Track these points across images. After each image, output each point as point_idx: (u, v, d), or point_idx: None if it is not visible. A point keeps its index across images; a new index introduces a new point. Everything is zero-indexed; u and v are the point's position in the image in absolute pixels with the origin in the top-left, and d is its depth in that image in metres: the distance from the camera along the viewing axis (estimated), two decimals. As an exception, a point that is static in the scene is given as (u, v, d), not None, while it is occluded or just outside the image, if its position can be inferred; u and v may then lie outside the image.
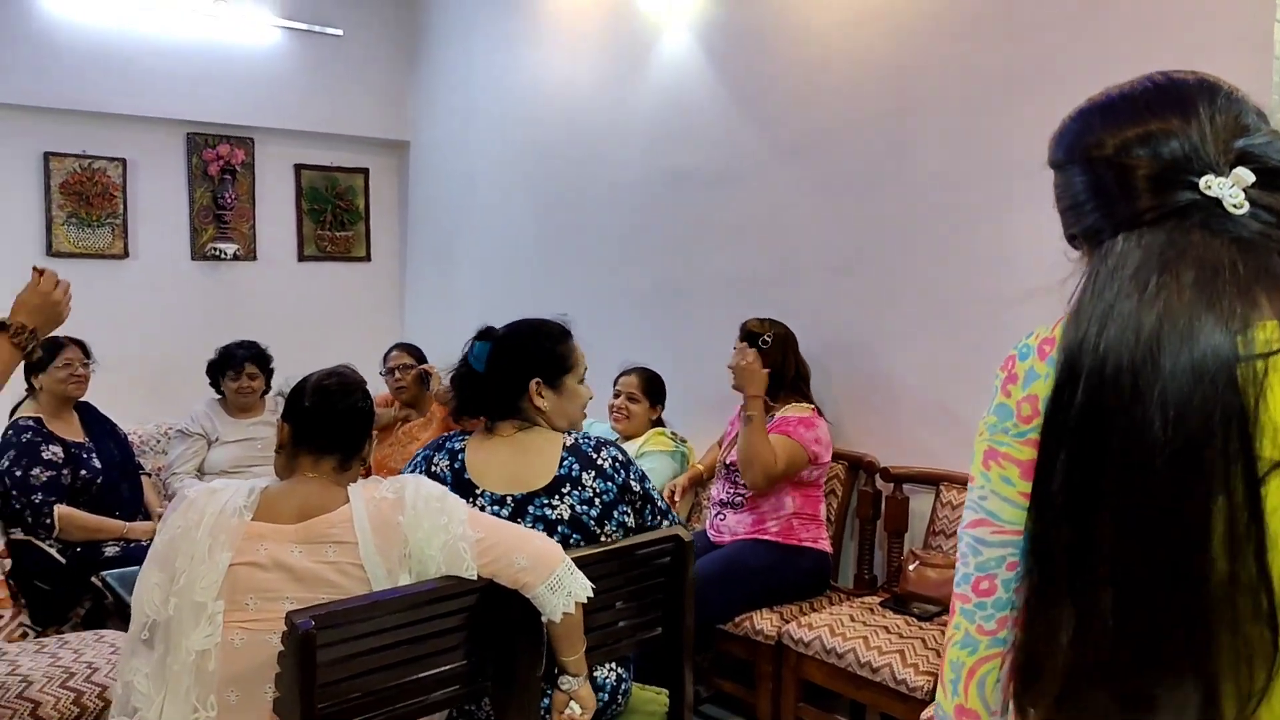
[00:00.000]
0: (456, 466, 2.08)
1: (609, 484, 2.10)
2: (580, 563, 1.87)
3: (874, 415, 3.27)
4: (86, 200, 4.47)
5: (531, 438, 2.12)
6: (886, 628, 2.74)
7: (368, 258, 5.38)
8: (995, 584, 0.90)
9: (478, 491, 2.04)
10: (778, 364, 3.07)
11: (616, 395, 3.55)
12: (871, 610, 2.89)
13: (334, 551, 1.70)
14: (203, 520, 1.69)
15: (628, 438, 3.47)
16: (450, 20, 5.01)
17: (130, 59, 4.47)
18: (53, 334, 1.95)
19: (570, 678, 1.87)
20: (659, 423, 3.57)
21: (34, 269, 1.88)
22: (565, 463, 2.08)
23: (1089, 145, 0.90)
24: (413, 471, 2.12)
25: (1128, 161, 0.86)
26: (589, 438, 2.16)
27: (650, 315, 4.01)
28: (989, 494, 0.91)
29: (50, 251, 4.38)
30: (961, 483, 2.99)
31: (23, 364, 1.91)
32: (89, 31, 4.37)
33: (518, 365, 2.14)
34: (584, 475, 2.07)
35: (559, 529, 2.03)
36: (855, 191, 3.28)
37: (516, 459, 2.09)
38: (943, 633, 2.68)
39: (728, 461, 3.13)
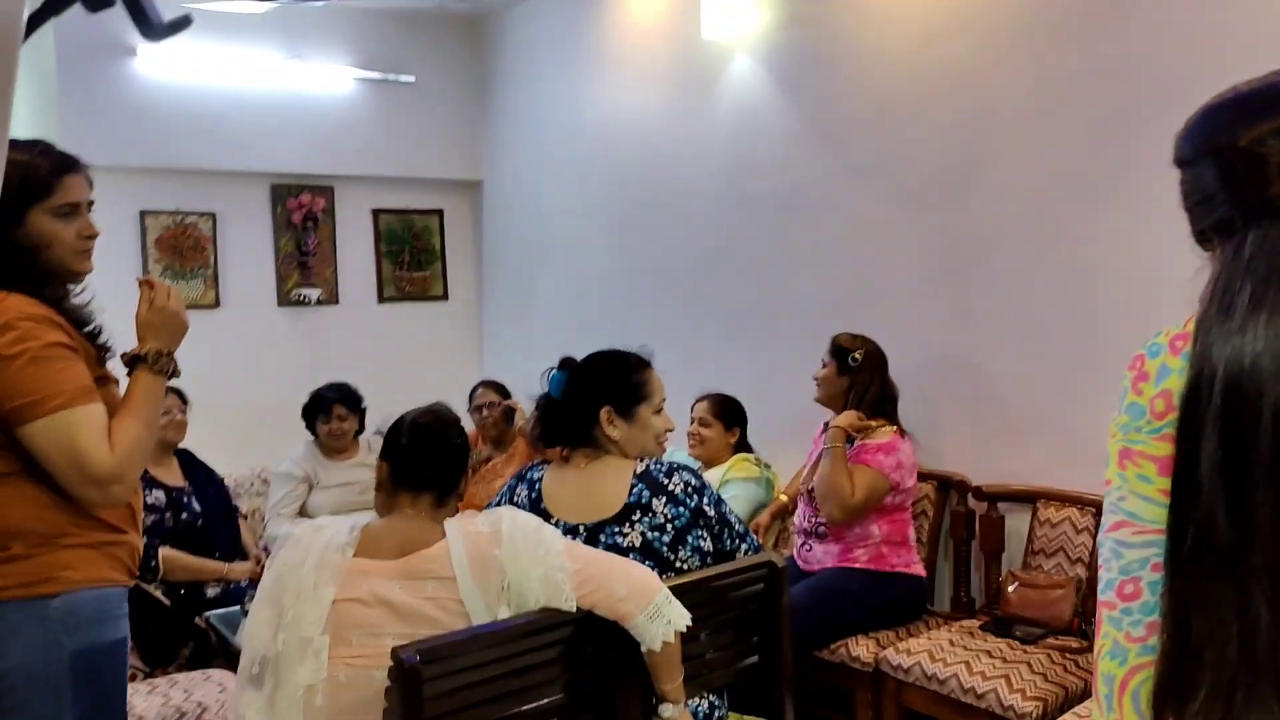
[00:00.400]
0: (534, 496, 2.12)
1: (681, 509, 2.08)
2: (672, 592, 1.87)
3: (963, 432, 3.21)
4: (180, 254, 4.64)
5: (602, 466, 2.14)
6: (989, 652, 2.67)
7: (445, 296, 5.48)
8: (1140, 587, 0.88)
9: (553, 521, 2.05)
10: (865, 383, 3.03)
11: (692, 423, 3.55)
12: (971, 634, 2.82)
13: (434, 587, 1.72)
14: (308, 557, 1.73)
15: (708, 464, 3.45)
16: (518, 60, 5.10)
17: (217, 117, 4.64)
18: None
19: (670, 705, 1.86)
20: (743, 447, 3.54)
21: (139, 281, 1.84)
22: (635, 490, 2.08)
23: (1221, 138, 0.90)
24: (499, 503, 2.15)
25: (1261, 151, 0.87)
26: (661, 463, 2.15)
27: (730, 341, 4.00)
28: (1127, 494, 0.90)
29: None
30: (1059, 499, 2.91)
31: None
32: (180, 93, 4.55)
33: (590, 393, 2.16)
34: (654, 501, 2.07)
35: (631, 556, 2.01)
36: (933, 206, 3.24)
37: (588, 488, 2.10)
38: (1049, 657, 2.61)
39: (810, 489, 3.07)
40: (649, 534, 2.04)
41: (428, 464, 1.84)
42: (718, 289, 4.06)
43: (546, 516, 2.06)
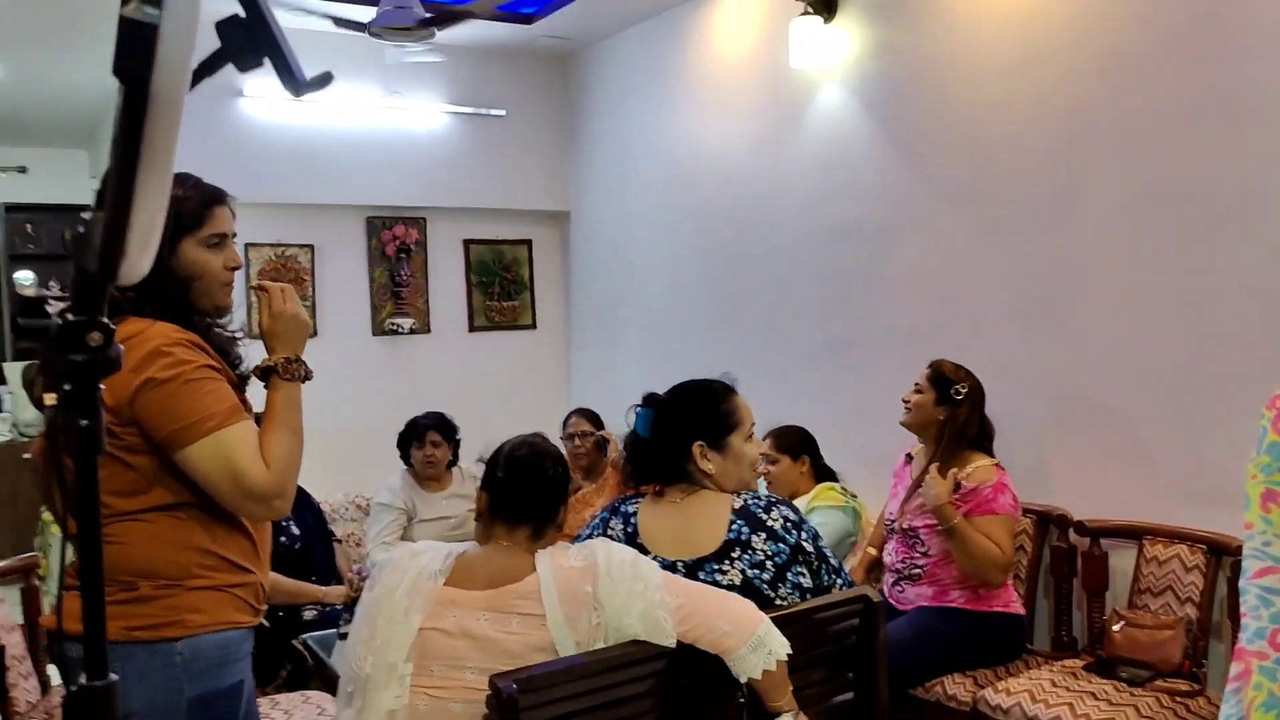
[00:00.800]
0: (629, 530, 2.08)
1: (781, 545, 2.02)
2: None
3: (1063, 465, 3.12)
4: (280, 284, 4.80)
5: (699, 502, 2.09)
6: (1093, 693, 2.57)
7: (534, 325, 5.56)
8: None
9: (650, 556, 1.99)
10: (963, 418, 2.93)
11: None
12: (1074, 674, 2.72)
13: (519, 623, 1.71)
14: (403, 582, 1.75)
15: (791, 497, 3.40)
16: (606, 92, 5.18)
17: (317, 153, 4.81)
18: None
19: (788, 715, 1.83)
20: (825, 475, 3.49)
21: (253, 288, 1.85)
22: (734, 526, 2.02)
23: None
24: (590, 535, 2.11)
25: None
26: (759, 498, 2.10)
27: (818, 372, 3.96)
28: (1272, 539, 0.86)
29: (250, 334, 4.70)
30: (1167, 536, 2.80)
31: None
32: (282, 131, 4.73)
33: (679, 429, 2.11)
34: (754, 538, 2.01)
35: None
36: (1028, 235, 3.18)
37: (685, 524, 2.06)
38: (1158, 700, 2.51)
39: (904, 526, 2.96)
40: (749, 571, 1.99)
41: (523, 496, 1.84)
42: (805, 319, 4.03)
43: (643, 552, 2.01)
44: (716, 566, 2.00)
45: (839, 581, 2.14)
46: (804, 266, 4.03)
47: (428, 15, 3.68)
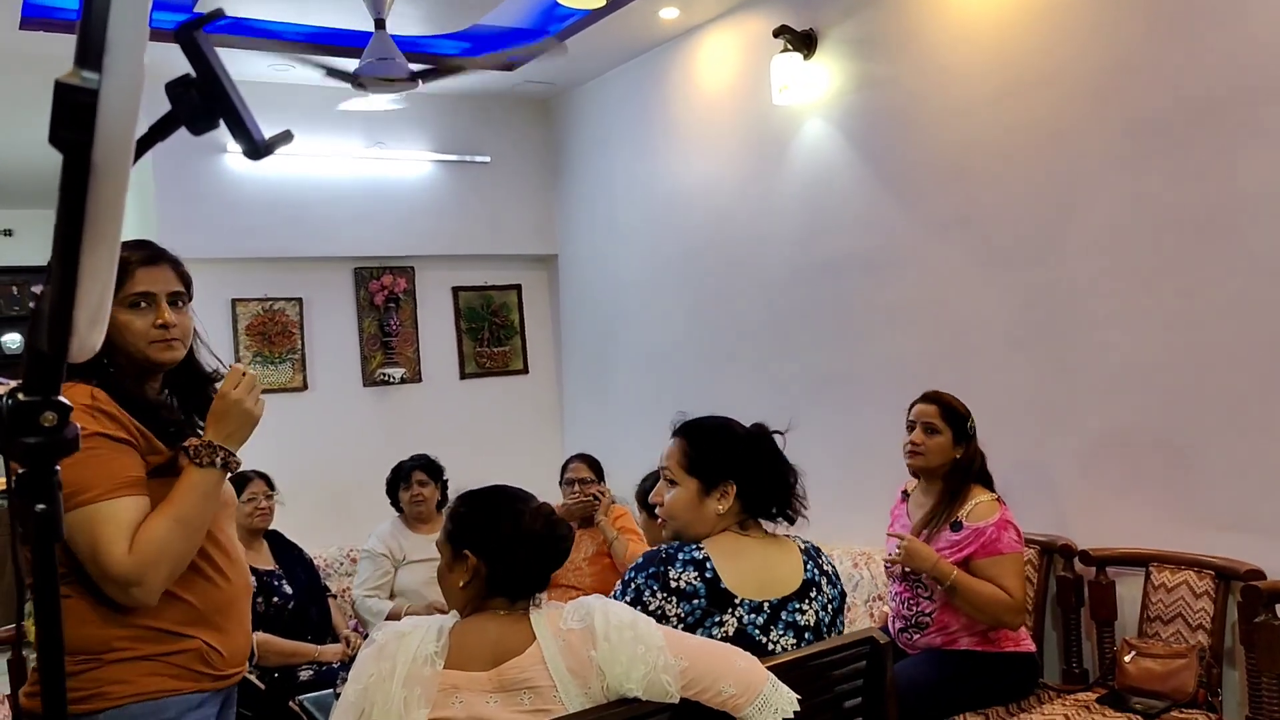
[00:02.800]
0: (709, 577, 1.92)
1: (836, 590, 2.04)
2: (774, 670, 1.80)
3: (1064, 494, 3.08)
4: (269, 339, 4.77)
5: (776, 541, 2.04)
6: (1108, 727, 2.51)
7: (525, 370, 5.52)
8: None
9: (736, 601, 1.91)
10: (974, 452, 2.84)
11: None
12: (1088, 708, 2.66)
13: (529, 699, 1.62)
14: (395, 670, 1.60)
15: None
16: (590, 135, 5.19)
17: (302, 206, 4.79)
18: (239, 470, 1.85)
19: None
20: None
21: (230, 368, 1.82)
22: (808, 566, 2.00)
23: None
24: (624, 596, 1.93)
25: None
26: (808, 542, 2.09)
27: (812, 407, 3.93)
28: None
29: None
30: (1175, 562, 2.76)
31: None
32: (267, 185, 4.72)
33: (781, 459, 2.06)
34: (822, 580, 2.01)
35: (806, 635, 1.95)
36: (1020, 262, 3.16)
37: (768, 563, 1.99)
38: (1175, 731, 2.45)
39: (907, 570, 2.83)
40: (820, 614, 1.98)
41: (541, 575, 1.73)
42: (797, 354, 4.01)
43: (730, 598, 1.91)
44: (798, 605, 1.96)
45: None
46: (794, 302, 4.01)
47: (415, 69, 3.68)
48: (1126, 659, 2.70)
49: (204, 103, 0.76)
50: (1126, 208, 2.88)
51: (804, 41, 3.81)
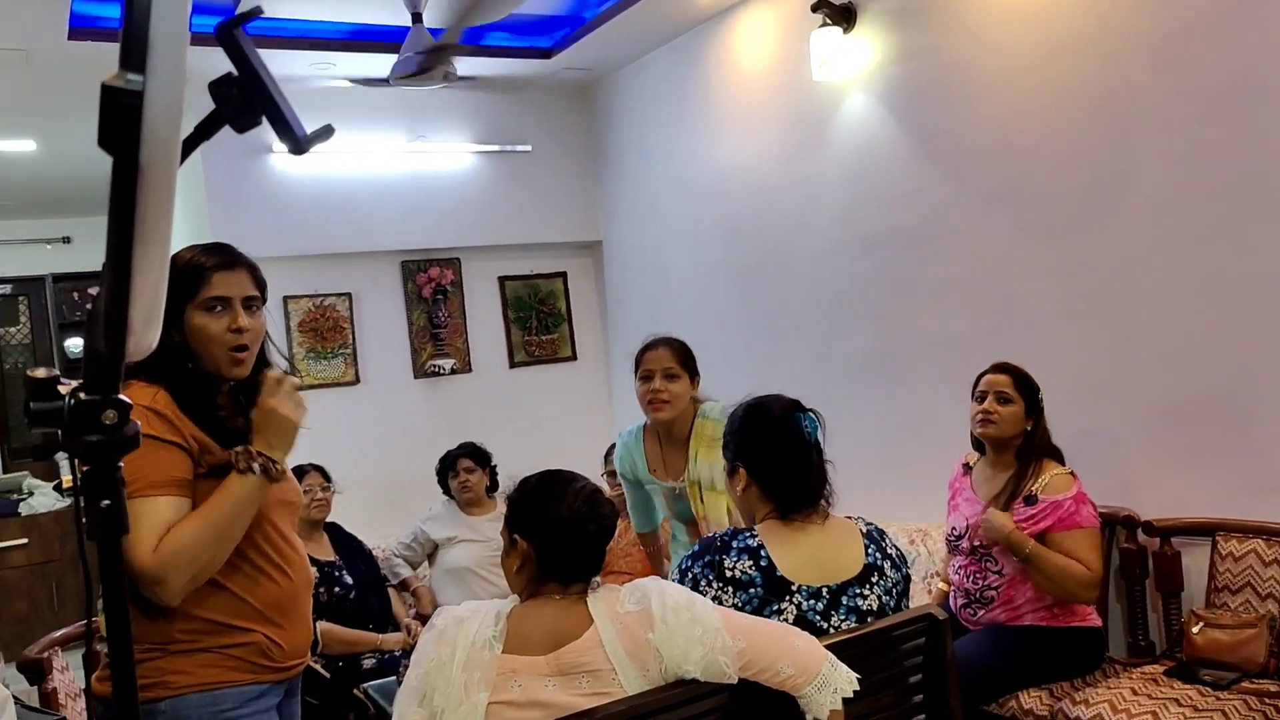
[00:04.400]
0: (764, 565, 1.91)
1: (900, 574, 2.01)
2: (832, 649, 1.79)
3: (1125, 465, 3.02)
4: (321, 335, 4.84)
5: (837, 525, 2.00)
6: (1177, 700, 2.47)
7: (574, 357, 5.54)
8: None
9: (793, 588, 1.90)
10: (1041, 426, 2.81)
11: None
12: (1155, 681, 2.62)
13: (588, 682, 1.62)
14: (455, 655, 1.62)
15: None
16: (630, 119, 5.17)
17: (349, 201, 4.85)
18: (296, 463, 1.95)
19: None
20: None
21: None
22: (870, 550, 1.97)
23: None
24: (682, 584, 1.92)
25: None
26: (872, 524, 2.06)
27: (861, 385, 3.89)
28: None
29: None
30: (1241, 530, 2.70)
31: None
32: (314, 183, 4.78)
33: (794, 446, 1.99)
34: (885, 564, 1.98)
35: (869, 620, 1.93)
36: (1073, 230, 3.10)
37: (826, 548, 1.96)
38: (1246, 703, 2.40)
39: (974, 544, 2.80)
40: (884, 598, 1.95)
41: (585, 553, 1.72)
42: (845, 332, 3.97)
43: (786, 585, 1.90)
44: (858, 590, 1.94)
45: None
46: (841, 278, 3.97)
47: (437, 46, 3.68)
48: (1194, 630, 2.65)
49: (246, 100, 0.77)
50: (1179, 173, 2.81)
51: (843, 15, 3.75)
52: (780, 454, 1.98)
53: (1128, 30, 2.89)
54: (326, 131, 0.86)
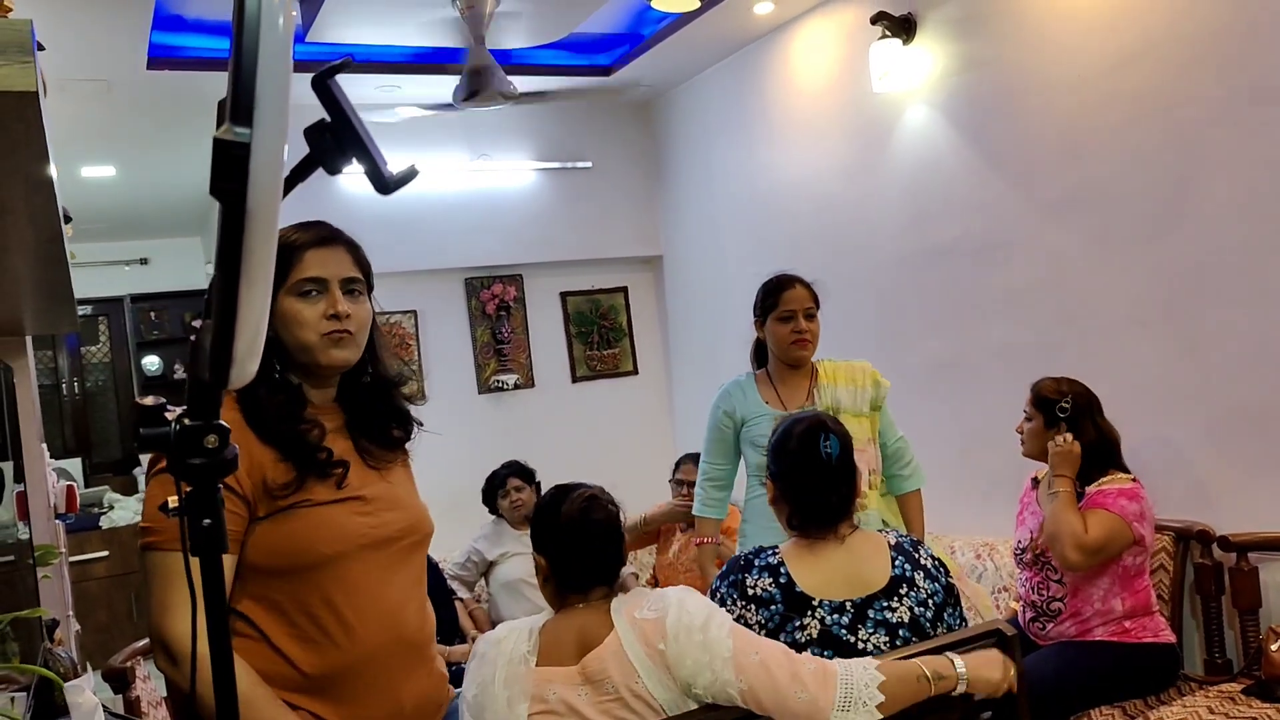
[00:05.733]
0: (784, 582, 1.94)
1: (936, 584, 1.98)
2: (892, 669, 1.79)
3: (1198, 478, 2.96)
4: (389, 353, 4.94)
5: (863, 538, 2.01)
6: (1255, 719, 2.41)
7: (635, 371, 5.58)
8: None
9: (814, 604, 1.91)
10: (1098, 435, 2.78)
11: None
12: (1233, 699, 2.56)
13: (614, 688, 1.63)
14: (495, 673, 1.66)
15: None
16: (689, 134, 5.21)
17: (414, 221, 4.95)
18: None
19: None
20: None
21: None
22: (897, 563, 1.96)
23: None
24: (713, 599, 1.96)
25: None
26: (904, 535, 2.06)
27: (927, 397, 3.86)
28: None
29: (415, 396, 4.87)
30: (1322, 546, 2.63)
31: None
32: (378, 202, 4.88)
33: (852, 459, 2.02)
34: (916, 575, 1.96)
35: (900, 632, 1.91)
36: (1141, 238, 3.05)
37: (850, 562, 1.96)
38: (1329, 723, 2.34)
39: (1037, 552, 2.80)
40: (916, 609, 1.93)
41: (587, 561, 1.74)
42: (912, 343, 3.95)
43: (807, 600, 1.91)
44: (886, 603, 1.93)
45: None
46: (905, 290, 3.95)
47: (477, 66, 3.75)
48: (1273, 648, 2.58)
49: (338, 145, 0.81)
50: (1250, 179, 2.75)
51: (902, 26, 3.75)
52: (799, 474, 2.01)
53: (1194, 36, 2.85)
54: (411, 173, 0.91)
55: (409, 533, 1.61)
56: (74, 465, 6.54)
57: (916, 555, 2.01)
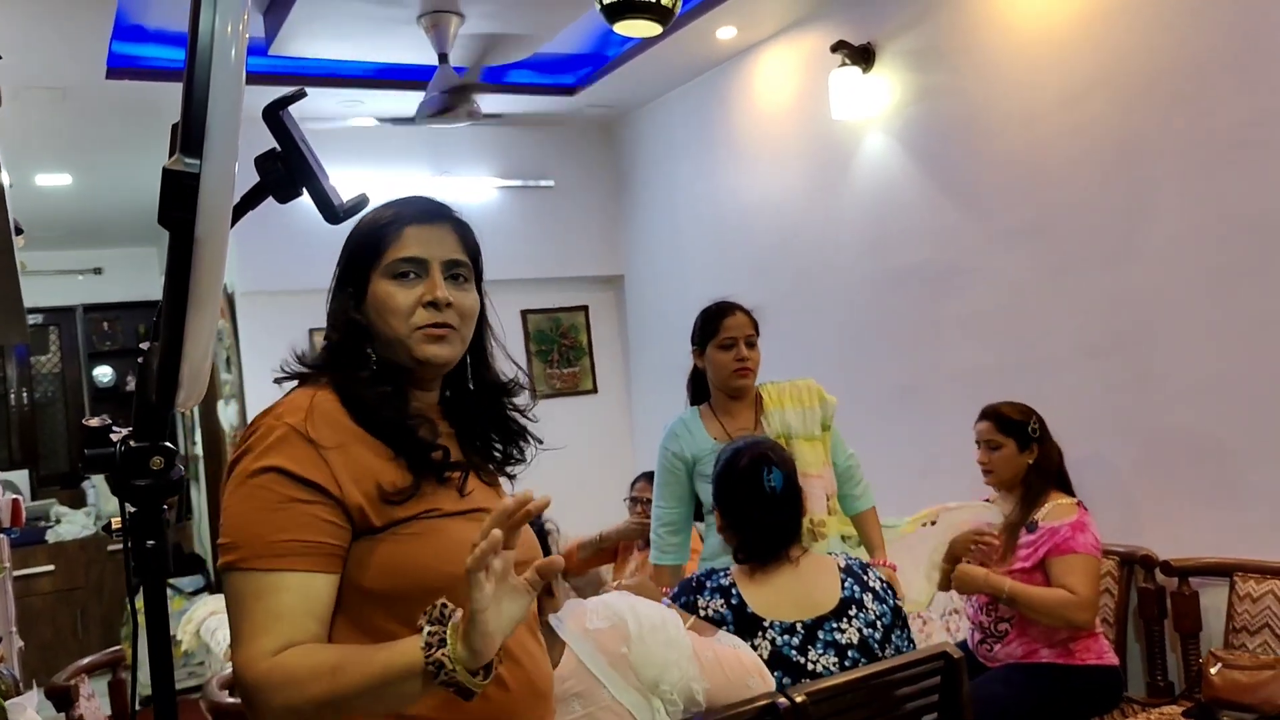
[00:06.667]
0: (735, 604, 1.97)
1: (884, 606, 2.03)
2: (836, 691, 1.81)
3: (1144, 505, 3.02)
4: (345, 366, 4.92)
5: (812, 560, 2.06)
6: (1195, 742, 2.46)
7: (595, 390, 5.59)
8: None
9: (765, 625, 1.95)
10: (1048, 454, 2.82)
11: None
12: (1173, 722, 2.61)
13: (579, 704, 1.63)
14: None
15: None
16: (652, 155, 5.25)
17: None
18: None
19: None
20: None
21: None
22: (846, 584, 2.01)
23: None
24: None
25: None
26: (853, 558, 2.11)
27: (886, 419, 3.91)
28: None
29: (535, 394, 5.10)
30: (1260, 571, 2.70)
31: None
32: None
33: (796, 484, 2.08)
34: (865, 597, 2.01)
35: (849, 653, 1.95)
36: (1093, 267, 3.12)
37: (801, 584, 2.01)
38: (1265, 746, 2.39)
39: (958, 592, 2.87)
40: (865, 630, 1.97)
41: None
42: (869, 368, 4.00)
43: (758, 622, 1.95)
44: (835, 625, 1.97)
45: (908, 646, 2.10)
46: (864, 315, 4.00)
47: (459, 85, 3.76)
48: (1213, 671, 2.64)
49: (288, 174, 0.82)
50: (1200, 212, 2.83)
51: (862, 55, 3.82)
52: (745, 506, 2.05)
53: (1146, 70, 2.93)
54: (362, 201, 0.92)
55: (528, 559, 1.23)
56: (20, 477, 6.41)
57: (865, 578, 2.05)
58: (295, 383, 1.28)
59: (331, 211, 0.88)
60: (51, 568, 5.63)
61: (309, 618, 1.10)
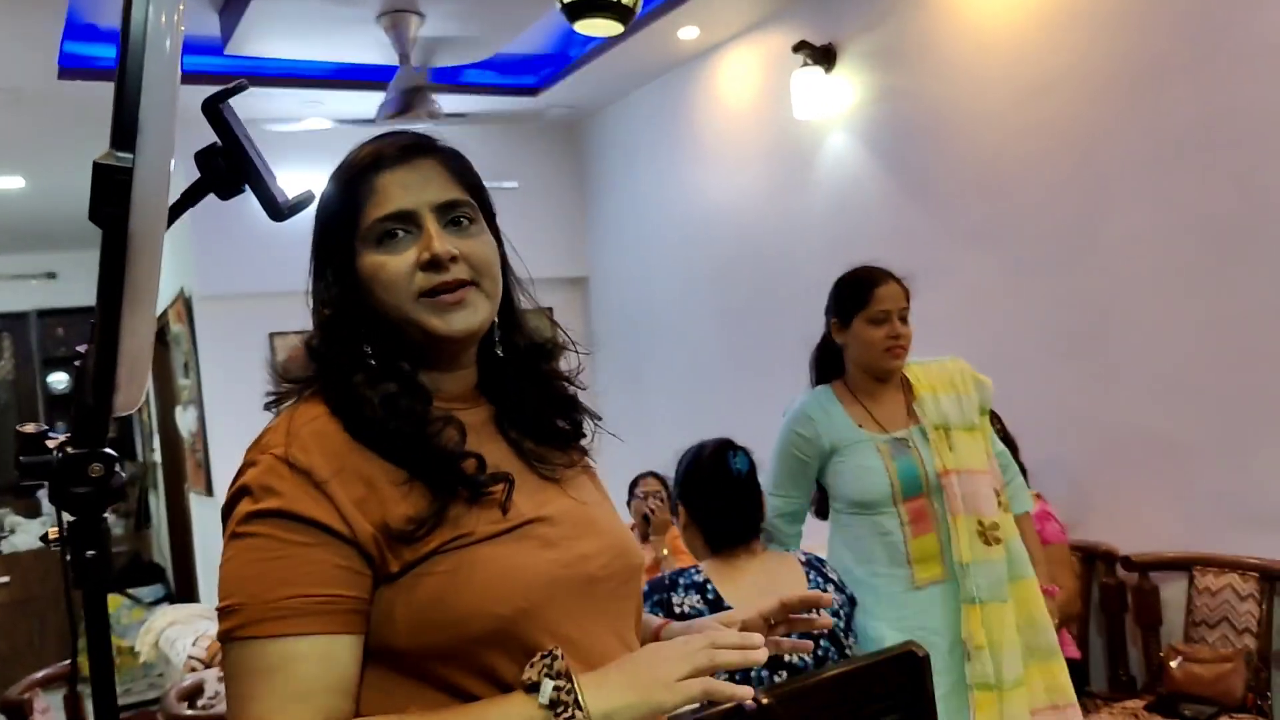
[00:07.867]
0: (711, 599, 1.98)
1: (843, 595, 2.08)
2: (803, 691, 1.81)
3: (1105, 500, 3.05)
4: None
5: (775, 555, 2.09)
6: (1157, 735, 2.49)
7: (560, 392, 5.56)
8: None
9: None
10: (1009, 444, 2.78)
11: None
12: (1135, 716, 2.64)
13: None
14: None
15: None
16: (616, 156, 5.24)
17: (334, 237, 4.87)
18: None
19: None
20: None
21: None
22: (811, 576, 2.04)
23: None
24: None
25: None
26: (810, 554, 2.13)
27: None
28: None
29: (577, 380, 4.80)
30: (1218, 565, 2.73)
31: None
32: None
33: (756, 477, 2.10)
34: (829, 588, 2.04)
35: (820, 644, 1.97)
36: (1053, 267, 3.15)
37: (768, 577, 2.02)
38: (1224, 737, 2.42)
39: None
40: (833, 619, 2.00)
41: None
42: (830, 366, 4.00)
43: None
44: (804, 616, 1.98)
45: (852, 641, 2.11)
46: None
47: (414, 86, 3.73)
48: (1173, 665, 2.67)
49: (230, 170, 0.80)
50: (1157, 212, 2.86)
51: (824, 56, 3.83)
52: (711, 492, 2.06)
53: (1103, 71, 2.96)
54: (307, 198, 0.89)
55: (616, 569, 1.04)
56: (-27, 487, 6.28)
57: (824, 570, 2.09)
58: (291, 401, 1.01)
59: (275, 209, 0.86)
60: (6, 579, 5.51)
61: (335, 694, 0.86)
